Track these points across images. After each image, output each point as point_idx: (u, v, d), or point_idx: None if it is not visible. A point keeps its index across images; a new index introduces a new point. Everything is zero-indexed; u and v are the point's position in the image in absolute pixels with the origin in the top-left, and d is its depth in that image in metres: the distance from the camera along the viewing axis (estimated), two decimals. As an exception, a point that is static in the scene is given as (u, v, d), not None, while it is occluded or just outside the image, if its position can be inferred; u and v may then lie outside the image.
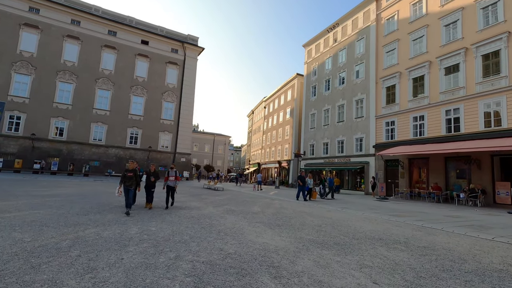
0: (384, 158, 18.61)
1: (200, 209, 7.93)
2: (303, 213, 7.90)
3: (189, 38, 36.00)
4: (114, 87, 30.36)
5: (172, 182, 7.72)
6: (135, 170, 6.62)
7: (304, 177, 12.68)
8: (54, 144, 26.92)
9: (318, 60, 28.39)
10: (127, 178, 6.40)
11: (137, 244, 3.86)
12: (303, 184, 12.51)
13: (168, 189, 7.66)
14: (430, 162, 16.31)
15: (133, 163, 6.91)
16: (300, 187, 12.55)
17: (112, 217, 5.77)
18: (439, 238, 5.17)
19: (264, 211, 8.07)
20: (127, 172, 6.49)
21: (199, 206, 8.59)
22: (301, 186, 12.50)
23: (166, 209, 7.34)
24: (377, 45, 21.22)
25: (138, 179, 6.64)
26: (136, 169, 6.74)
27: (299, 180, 12.76)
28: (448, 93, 15.76)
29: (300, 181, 12.66)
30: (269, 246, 4.04)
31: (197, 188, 18.38)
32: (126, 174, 6.46)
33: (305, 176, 12.87)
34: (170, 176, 7.75)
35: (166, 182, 7.68)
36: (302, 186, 12.49)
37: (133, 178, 6.47)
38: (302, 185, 12.50)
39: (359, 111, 22.28)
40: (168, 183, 7.66)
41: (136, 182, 6.58)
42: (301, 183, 12.56)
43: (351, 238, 4.80)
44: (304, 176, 12.80)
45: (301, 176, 12.88)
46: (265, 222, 6.15)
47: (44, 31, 27.46)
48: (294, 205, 10.14)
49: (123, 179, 6.41)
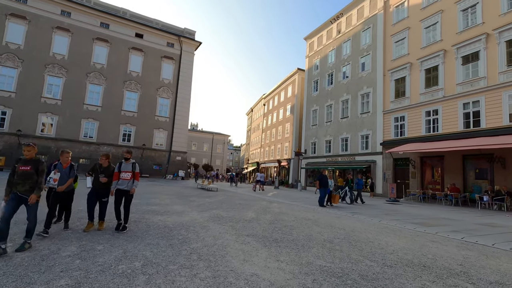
0: (393, 156, 17.10)
1: (182, 214, 6.47)
2: (307, 221, 6.43)
3: (186, 32, 34.53)
4: (106, 82, 28.92)
5: (125, 182, 4.59)
6: (38, 161, 3.53)
7: (326, 178, 10.20)
8: (41, 141, 25.46)
9: (321, 53, 26.88)
10: (20, 178, 3.34)
11: (51, 279, 2.40)
12: (326, 186, 10.13)
13: (118, 195, 4.62)
14: (446, 161, 14.81)
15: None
16: (323, 191, 10.14)
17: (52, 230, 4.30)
18: (504, 262, 3.69)
19: (260, 217, 6.60)
20: (21, 165, 3.39)
21: (182, 210, 7.13)
22: (323, 189, 10.10)
23: (119, 230, 4.41)
24: (385, 35, 19.70)
25: (40, 180, 3.47)
26: (40, 160, 3.60)
27: (318, 181, 10.24)
28: (466, 84, 14.25)
29: (320, 182, 10.15)
30: (260, 284, 2.57)
31: (189, 188, 16.93)
32: (18, 168, 3.38)
33: (327, 176, 10.38)
34: (123, 173, 4.63)
35: (115, 183, 4.60)
36: (325, 188, 10.09)
37: (30, 177, 3.39)
38: (324, 188, 10.08)
39: (365, 106, 20.77)
40: (118, 185, 4.59)
41: (36, 186, 3.42)
42: (322, 185, 10.09)
43: (381, 264, 3.32)
44: (326, 176, 10.30)
45: (322, 176, 10.22)
46: (259, 234, 4.68)
47: (32, 22, 26.02)
48: (295, 210, 8.67)
49: (11, 179, 3.42)
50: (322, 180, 10.12)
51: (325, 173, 10.38)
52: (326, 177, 10.19)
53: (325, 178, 10.10)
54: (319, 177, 10.30)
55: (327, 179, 10.16)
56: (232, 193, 15.20)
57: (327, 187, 10.17)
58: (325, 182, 10.07)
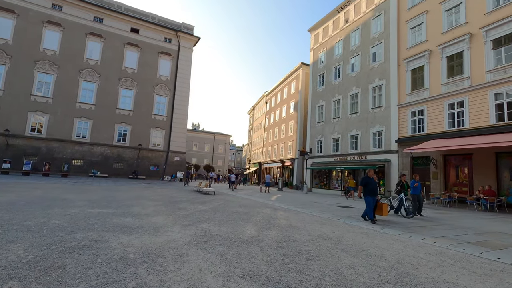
0: (413, 154, 15.28)
1: (158, 231, 4.82)
2: (328, 242, 4.73)
3: (184, 27, 33.00)
4: (100, 78, 27.49)
5: None
6: None
7: (374, 181, 7.30)
8: (31, 142, 24.10)
9: (326, 45, 25.12)
10: None
11: None
12: (374, 193, 7.11)
13: None
14: (475, 159, 12.99)
15: None
16: (371, 199, 7.04)
17: None
18: None
19: (262, 236, 4.92)
20: None
21: (162, 225, 5.49)
22: (371, 198, 7.06)
23: None
24: (398, 21, 17.91)
25: None
26: None
27: (362, 186, 7.30)
28: (498, 71, 12.43)
29: (365, 187, 7.19)
30: None
31: (184, 191, 15.30)
32: None
33: (374, 179, 7.41)
34: None
35: None
36: (372, 195, 7.08)
37: None
38: (372, 196, 7.08)
39: (377, 100, 18.99)
40: None
41: None
42: (369, 191, 7.10)
43: None
44: (374, 179, 7.36)
45: (369, 178, 7.28)
46: (261, 274, 3.00)
47: (21, 15, 24.67)
48: (307, 222, 6.99)
49: None
50: (369, 184, 7.16)
51: (371, 175, 7.37)
52: (373, 180, 7.26)
53: (372, 182, 7.19)
54: (364, 180, 7.30)
55: (375, 184, 7.28)
56: (231, 197, 13.54)
57: (376, 194, 7.17)
58: (373, 188, 7.12)
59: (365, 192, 7.18)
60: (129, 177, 26.58)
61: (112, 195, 10.65)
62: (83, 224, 5.15)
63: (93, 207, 7.46)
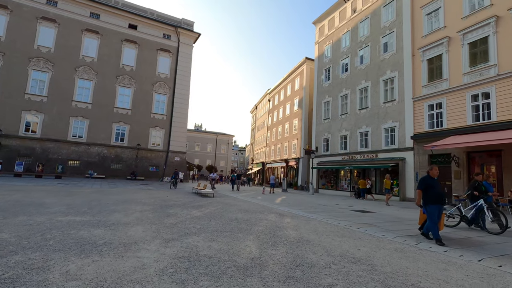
0: (434, 152, 13.85)
1: (128, 251, 3.62)
2: (357, 267, 3.48)
3: (184, 23, 31.94)
4: (97, 76, 26.54)
5: None
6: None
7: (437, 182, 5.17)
8: (25, 142, 23.21)
9: (333, 38, 23.78)
10: None
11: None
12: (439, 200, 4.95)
13: None
14: (504, 157, 11.56)
15: None
16: (436, 208, 4.90)
17: None
18: None
19: (265, 258, 3.67)
20: None
21: (137, 239, 4.28)
22: (436, 206, 4.90)
23: None
24: (412, 7, 16.53)
25: None
26: None
27: (421, 190, 5.08)
28: (531, 56, 11.01)
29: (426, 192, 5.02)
30: None
31: (181, 193, 14.12)
32: None
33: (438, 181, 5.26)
34: None
35: None
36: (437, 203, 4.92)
37: None
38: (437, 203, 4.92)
39: (389, 94, 17.60)
40: None
41: None
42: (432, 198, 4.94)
43: None
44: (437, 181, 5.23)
45: (430, 179, 5.14)
46: None
47: (14, 11, 23.84)
48: (322, 233, 5.75)
49: None
50: (432, 187, 5.00)
51: (435, 174, 5.18)
52: (438, 182, 5.16)
53: (437, 185, 5.06)
54: (424, 182, 5.09)
55: (439, 186, 5.16)
56: (231, 199, 12.33)
57: (442, 202, 4.98)
58: (437, 193, 4.96)
59: (427, 198, 4.96)
60: (127, 178, 25.54)
61: (98, 199, 9.53)
62: (36, 240, 3.97)
63: (67, 214, 6.31)
